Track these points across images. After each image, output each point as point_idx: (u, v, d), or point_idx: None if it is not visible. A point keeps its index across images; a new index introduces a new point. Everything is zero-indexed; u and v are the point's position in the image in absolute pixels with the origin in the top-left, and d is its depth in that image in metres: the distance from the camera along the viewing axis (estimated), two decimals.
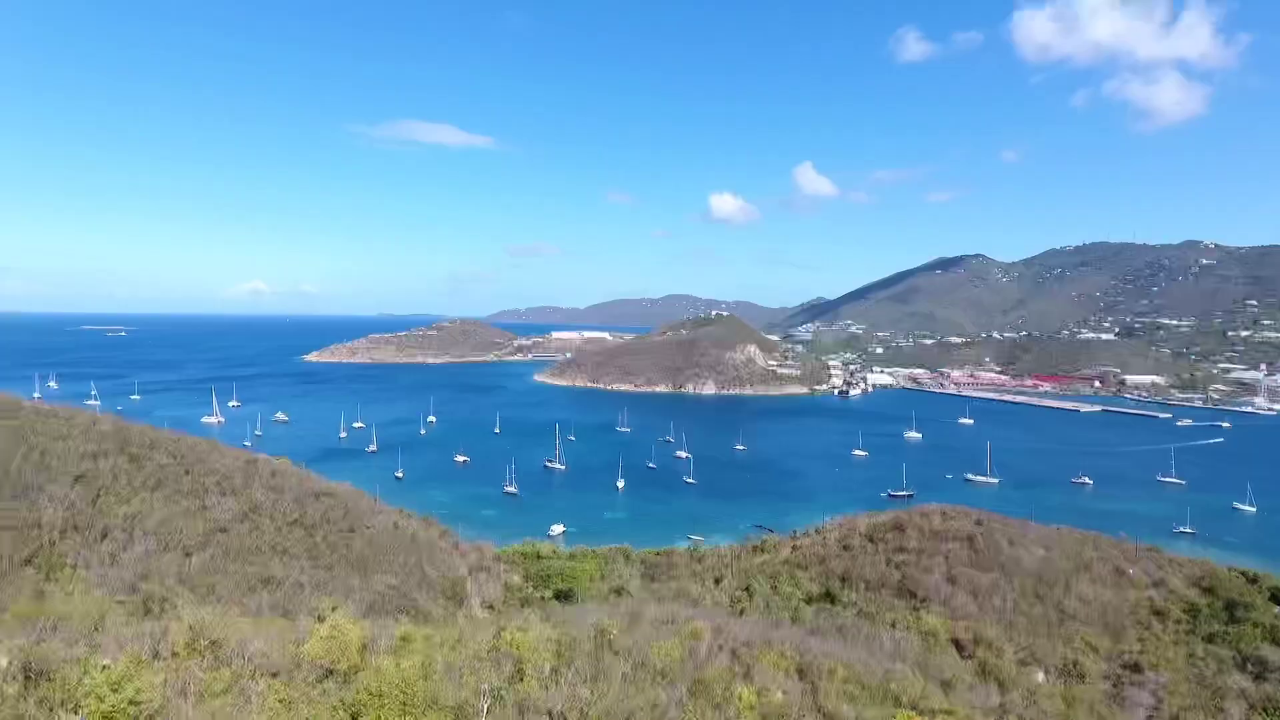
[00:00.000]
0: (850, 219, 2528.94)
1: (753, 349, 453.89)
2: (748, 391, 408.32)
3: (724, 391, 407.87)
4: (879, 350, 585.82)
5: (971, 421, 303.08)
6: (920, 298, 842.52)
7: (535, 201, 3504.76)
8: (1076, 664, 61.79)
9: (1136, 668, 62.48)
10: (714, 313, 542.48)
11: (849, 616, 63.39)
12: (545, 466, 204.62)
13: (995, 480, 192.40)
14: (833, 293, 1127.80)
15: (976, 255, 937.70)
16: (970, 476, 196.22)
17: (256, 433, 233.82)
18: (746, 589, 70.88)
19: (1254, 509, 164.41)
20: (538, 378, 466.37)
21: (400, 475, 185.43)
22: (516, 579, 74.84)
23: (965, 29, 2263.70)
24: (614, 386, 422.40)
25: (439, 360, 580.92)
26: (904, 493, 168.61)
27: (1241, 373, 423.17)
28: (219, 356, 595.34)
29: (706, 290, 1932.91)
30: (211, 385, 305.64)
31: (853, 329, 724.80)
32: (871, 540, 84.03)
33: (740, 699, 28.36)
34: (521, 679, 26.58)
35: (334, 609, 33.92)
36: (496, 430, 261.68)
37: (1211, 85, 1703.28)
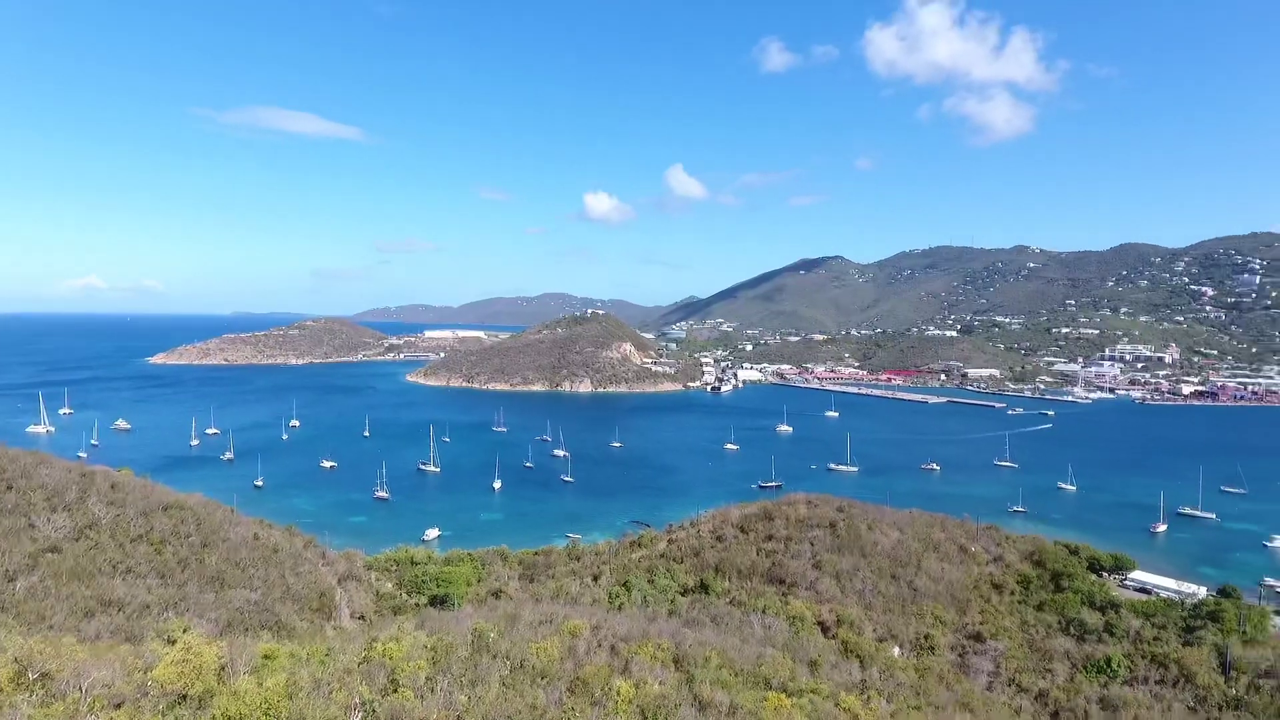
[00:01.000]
0: (720, 220, 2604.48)
1: (628, 347, 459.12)
2: (624, 389, 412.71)
3: (600, 389, 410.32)
4: (748, 347, 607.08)
5: (837, 414, 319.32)
6: (785, 296, 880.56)
7: (405, 196, 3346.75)
8: (927, 637, 66.93)
9: (979, 637, 68.44)
10: (590, 311, 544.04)
11: (722, 605, 65.69)
12: (419, 469, 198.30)
13: (855, 468, 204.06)
14: (705, 291, 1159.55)
15: (836, 256, 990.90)
16: (833, 466, 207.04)
17: (93, 442, 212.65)
18: (624, 584, 71.88)
19: (1074, 488, 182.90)
20: (410, 378, 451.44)
21: (260, 483, 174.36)
22: (389, 586, 72.40)
23: (823, 43, 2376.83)
24: (489, 386, 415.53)
25: (302, 361, 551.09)
26: (773, 484, 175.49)
27: (1063, 366, 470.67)
28: (47, 359, 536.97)
29: (583, 289, 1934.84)
30: (38, 391, 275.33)
31: (724, 327, 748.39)
32: (743, 530, 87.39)
33: (618, 693, 28.83)
34: (395, 690, 25.86)
35: (186, 630, 31.72)
36: (366, 433, 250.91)
37: (1036, 106, 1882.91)
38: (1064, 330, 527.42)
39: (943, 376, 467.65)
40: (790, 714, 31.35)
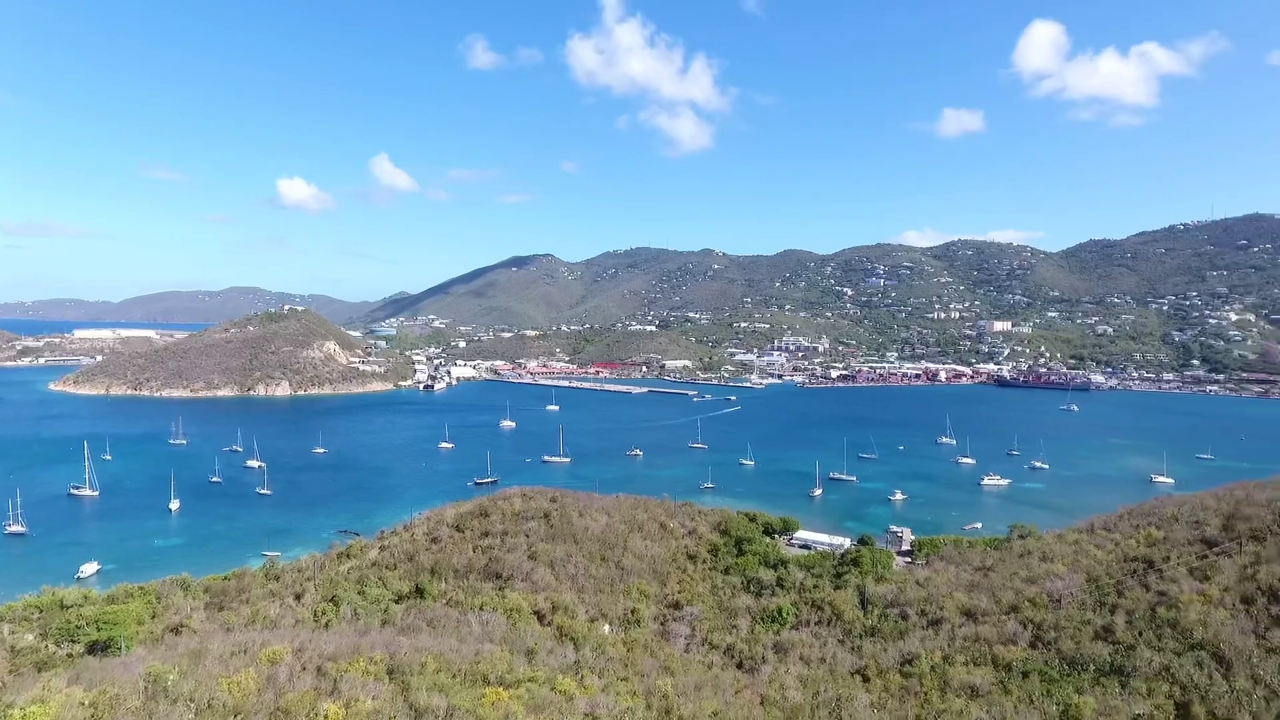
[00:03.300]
0: (430, 214, 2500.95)
1: (333, 346, 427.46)
2: (328, 391, 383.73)
3: (301, 392, 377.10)
4: (462, 344, 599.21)
5: (558, 408, 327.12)
6: (498, 293, 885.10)
7: (42, 168, 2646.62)
8: (634, 612, 72.35)
9: (677, 605, 75.59)
10: (287, 307, 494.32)
11: (439, 608, 64.83)
12: (70, 493, 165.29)
13: (568, 459, 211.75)
14: (416, 287, 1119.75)
15: (546, 255, 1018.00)
16: (547, 458, 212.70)
17: None
18: (332, 599, 67.70)
19: (753, 463, 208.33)
20: (54, 386, 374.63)
21: None
22: (30, 639, 60.26)
23: (528, 46, 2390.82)
24: (164, 393, 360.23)
25: None
26: (489, 480, 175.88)
27: (743, 356, 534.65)
28: None
29: (278, 283, 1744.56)
30: None
31: (436, 323, 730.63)
32: (458, 529, 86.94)
33: (326, 718, 27.62)
34: None
35: None
36: None
37: (714, 125, 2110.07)
38: (743, 325, 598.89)
39: (644, 368, 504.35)
40: (509, 706, 32.43)
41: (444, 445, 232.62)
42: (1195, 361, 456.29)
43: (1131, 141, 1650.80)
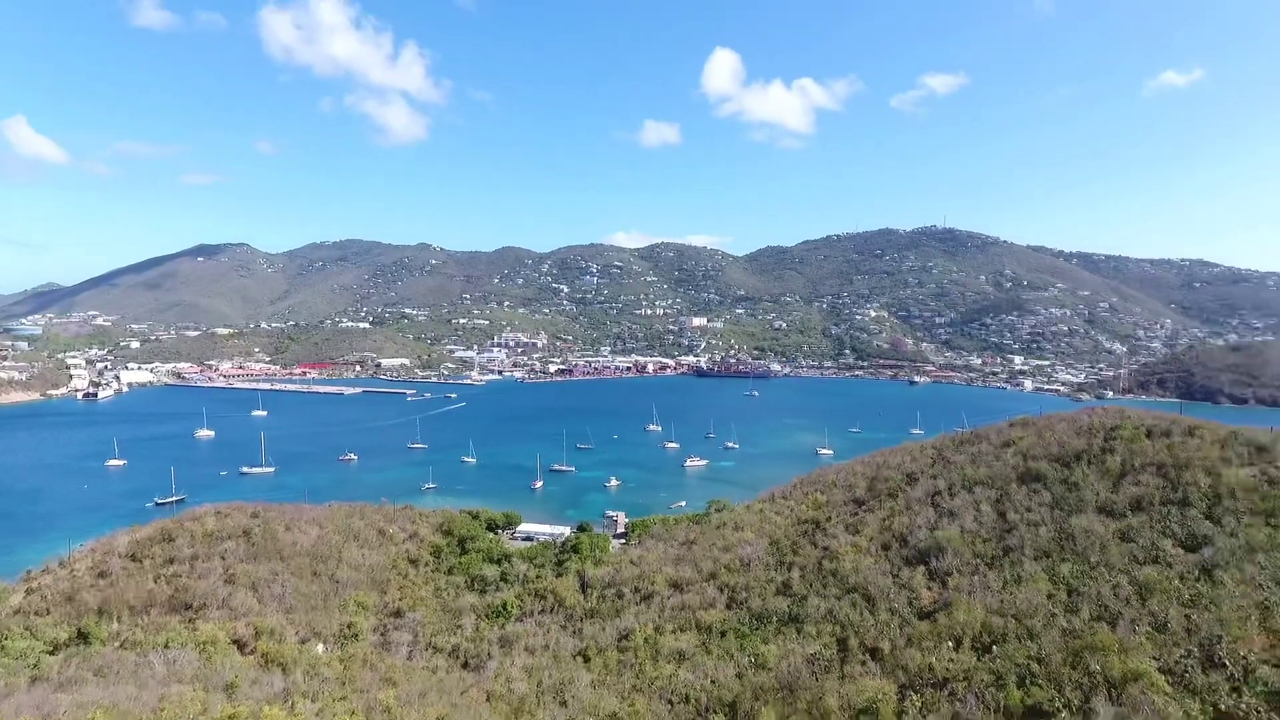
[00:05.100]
0: (90, 192, 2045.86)
1: None
2: None
3: None
4: (134, 344, 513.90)
5: (265, 413, 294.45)
6: (180, 285, 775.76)
7: None
8: (351, 626, 68.87)
9: (399, 613, 73.38)
10: None
11: (111, 652, 56.20)
12: None
13: (272, 469, 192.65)
14: (70, 278, 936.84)
15: (241, 244, 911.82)
16: (246, 469, 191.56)
17: None
18: None
19: (475, 460, 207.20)
20: None
21: None
22: None
23: (208, 9, 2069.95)
24: None
25: None
26: (174, 498, 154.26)
27: (462, 352, 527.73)
28: None
29: None
30: None
31: (99, 320, 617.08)
32: (135, 559, 75.81)
33: None
34: None
35: None
36: None
37: (429, 116, 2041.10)
38: (462, 321, 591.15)
39: (358, 367, 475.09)
40: None
41: (113, 463, 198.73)
42: (847, 351, 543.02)
43: (795, 162, 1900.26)
